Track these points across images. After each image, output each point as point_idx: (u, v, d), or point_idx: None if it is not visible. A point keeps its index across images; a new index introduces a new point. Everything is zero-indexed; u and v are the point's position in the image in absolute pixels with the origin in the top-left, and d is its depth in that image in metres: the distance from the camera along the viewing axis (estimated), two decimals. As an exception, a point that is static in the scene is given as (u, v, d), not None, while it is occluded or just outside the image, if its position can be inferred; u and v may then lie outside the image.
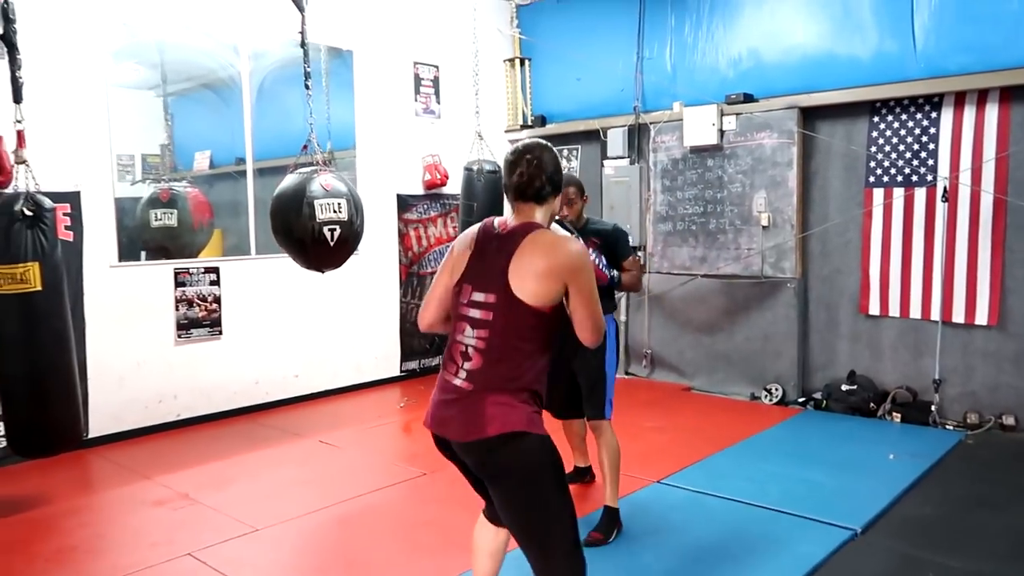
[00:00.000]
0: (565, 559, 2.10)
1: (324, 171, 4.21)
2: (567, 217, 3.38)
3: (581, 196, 3.49)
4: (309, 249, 4.21)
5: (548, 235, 2.16)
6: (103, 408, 4.91)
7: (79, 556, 3.29)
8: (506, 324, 2.07)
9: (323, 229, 4.12)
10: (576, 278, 2.07)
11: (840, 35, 5.59)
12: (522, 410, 2.07)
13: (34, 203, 3.63)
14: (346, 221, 4.21)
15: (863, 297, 5.57)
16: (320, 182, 4.10)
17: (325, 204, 4.18)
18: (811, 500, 3.79)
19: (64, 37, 4.68)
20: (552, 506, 2.09)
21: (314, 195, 4.16)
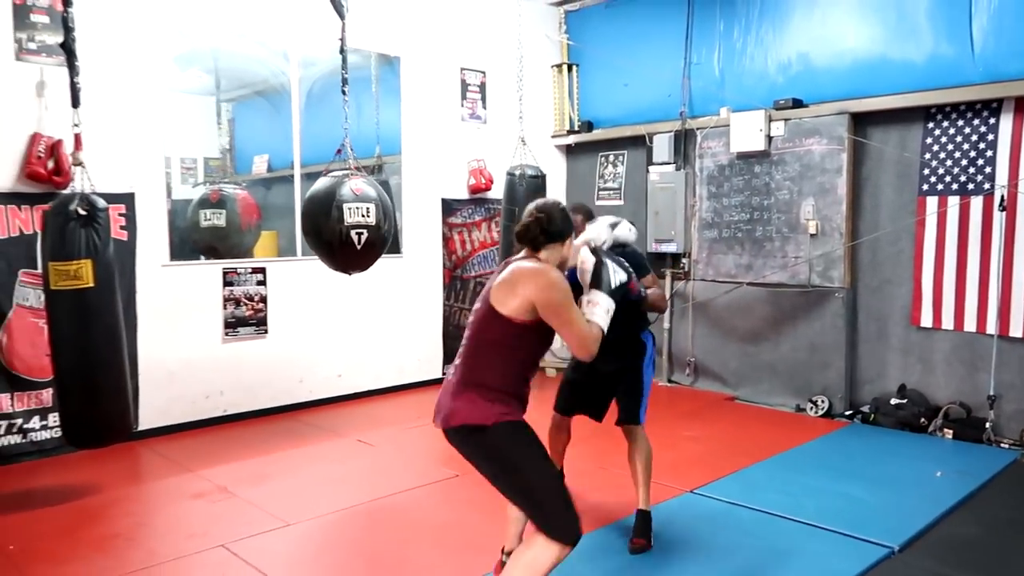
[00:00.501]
0: (556, 516, 2.39)
1: (355, 176, 4.29)
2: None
3: (585, 221, 3.42)
4: (336, 251, 4.30)
5: (526, 264, 2.50)
6: (152, 402, 5.08)
7: (120, 543, 3.41)
8: (482, 330, 2.47)
9: (351, 232, 4.19)
10: (541, 301, 2.37)
11: (894, 39, 5.44)
12: (486, 407, 2.41)
13: (88, 203, 3.79)
14: (374, 225, 4.27)
15: (915, 309, 5.39)
16: (351, 186, 4.18)
17: (354, 208, 4.25)
18: (849, 515, 3.68)
19: (122, 45, 4.87)
20: (527, 474, 2.43)
21: (343, 199, 4.24)
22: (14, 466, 4.45)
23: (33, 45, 4.54)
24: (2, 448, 4.49)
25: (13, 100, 4.50)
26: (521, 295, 2.39)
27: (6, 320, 4.49)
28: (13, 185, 4.51)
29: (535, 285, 2.39)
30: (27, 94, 4.55)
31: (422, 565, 3.22)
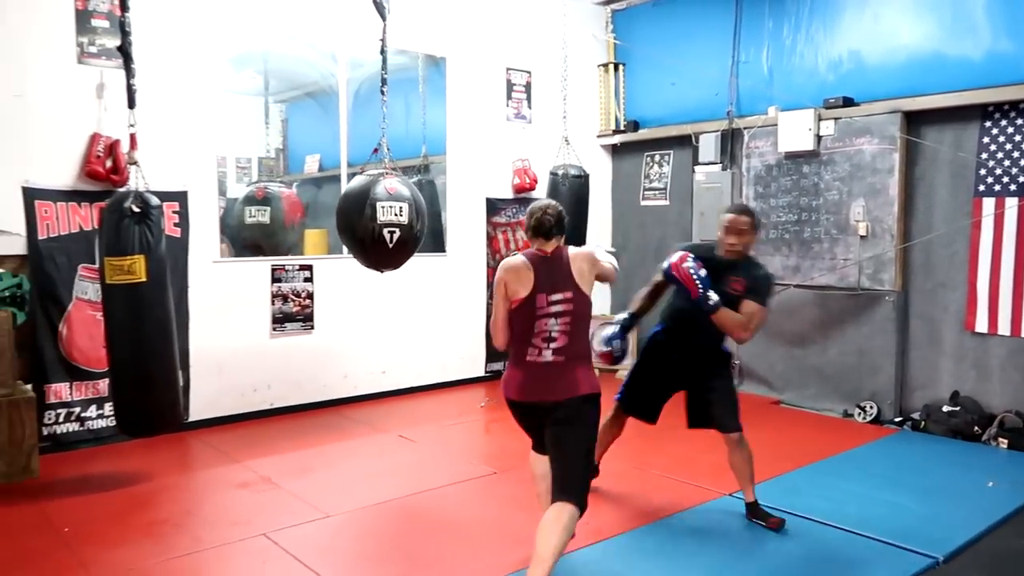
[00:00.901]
0: (587, 469, 3.04)
1: (391, 175, 4.34)
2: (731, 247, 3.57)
3: (753, 230, 3.60)
4: (369, 249, 4.35)
5: (576, 248, 3.04)
6: (203, 394, 5.24)
7: (167, 529, 3.53)
8: (579, 311, 2.94)
9: (383, 231, 4.25)
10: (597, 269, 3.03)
11: (950, 35, 5.29)
12: (595, 376, 3.01)
13: (142, 201, 3.93)
14: (406, 224, 4.32)
15: (969, 313, 5.23)
16: (385, 185, 4.24)
17: (387, 207, 4.31)
18: (892, 524, 3.59)
19: (177, 47, 5.03)
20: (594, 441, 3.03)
21: (377, 197, 4.29)
22: (72, 452, 4.63)
23: (94, 49, 4.73)
24: (61, 435, 4.68)
25: (74, 102, 4.68)
26: (591, 273, 2.97)
27: (66, 313, 4.68)
28: (74, 183, 4.70)
29: (591, 261, 2.99)
30: (87, 96, 4.73)
31: (457, 559, 3.25)
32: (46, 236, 4.60)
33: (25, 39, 4.50)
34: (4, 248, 4.49)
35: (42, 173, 4.59)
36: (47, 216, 4.61)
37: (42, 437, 4.52)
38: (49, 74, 4.60)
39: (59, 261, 4.64)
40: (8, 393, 4.15)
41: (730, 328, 3.49)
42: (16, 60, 4.48)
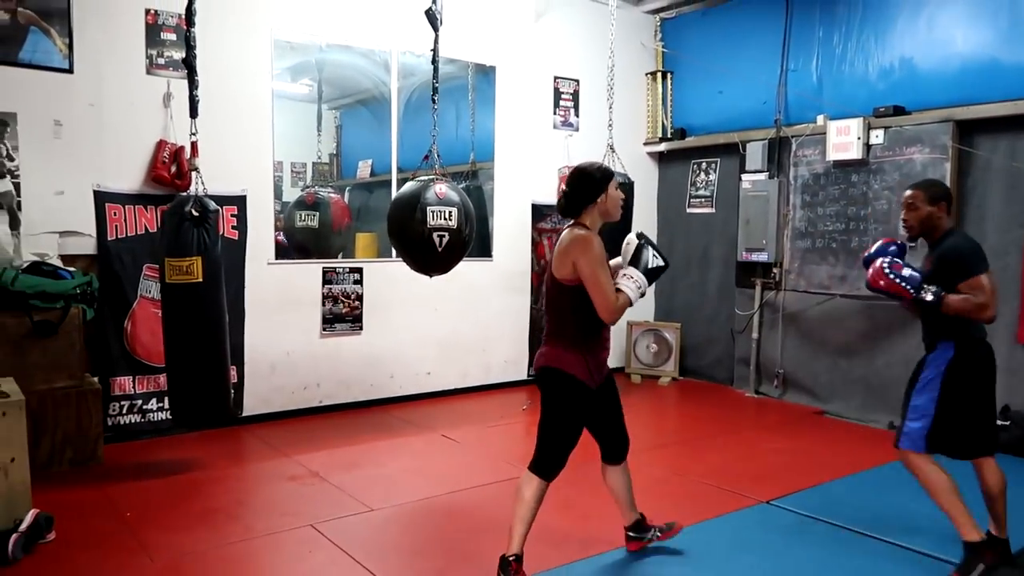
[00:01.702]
0: (545, 440, 3.04)
1: (441, 180, 4.47)
2: (904, 224, 3.43)
3: (928, 203, 3.28)
4: (418, 252, 4.48)
5: (568, 231, 2.92)
6: (256, 391, 5.46)
7: (220, 517, 3.72)
8: (549, 295, 2.98)
9: (432, 235, 4.37)
10: (578, 260, 2.79)
11: (1006, 43, 5.20)
12: (563, 354, 2.92)
13: (200, 205, 4.15)
14: (455, 229, 4.43)
15: (1021, 326, 5.13)
16: (435, 190, 4.36)
17: (437, 211, 4.43)
18: (931, 536, 3.57)
19: (237, 57, 5.27)
20: (552, 422, 3.01)
21: (427, 202, 4.42)
22: (134, 443, 4.89)
23: (162, 60, 4.99)
24: (124, 426, 4.94)
25: (143, 110, 4.95)
26: (569, 259, 2.82)
27: (131, 310, 4.94)
28: (141, 187, 4.96)
29: (573, 246, 2.81)
30: (155, 104, 5.00)
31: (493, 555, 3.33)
32: (114, 237, 4.87)
33: (100, 52, 4.78)
34: (76, 248, 4.77)
35: (112, 177, 4.87)
36: (116, 218, 4.88)
37: (107, 427, 4.79)
38: (120, 84, 4.87)
39: (126, 261, 4.91)
40: (76, 384, 4.41)
41: (969, 312, 3.08)
42: (92, 71, 4.76)
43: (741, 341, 6.84)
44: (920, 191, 3.35)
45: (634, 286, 2.86)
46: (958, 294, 3.09)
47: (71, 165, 4.72)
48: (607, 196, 2.91)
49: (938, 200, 3.31)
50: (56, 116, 4.67)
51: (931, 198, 3.31)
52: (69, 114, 4.71)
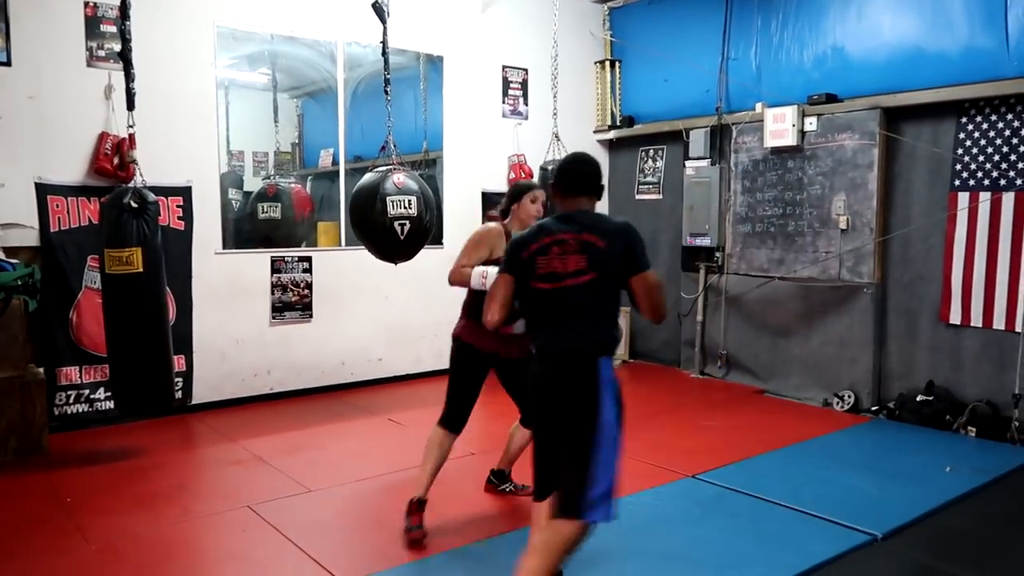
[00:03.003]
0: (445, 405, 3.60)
1: (399, 170, 4.56)
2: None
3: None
4: (382, 242, 4.57)
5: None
6: (206, 379, 5.54)
7: (158, 500, 3.82)
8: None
9: (394, 224, 4.46)
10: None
11: (929, 32, 5.39)
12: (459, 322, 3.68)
13: (139, 197, 4.22)
14: (415, 217, 4.51)
15: (944, 305, 5.35)
16: (394, 180, 4.45)
17: (397, 200, 4.52)
18: (842, 505, 3.76)
19: (180, 47, 5.31)
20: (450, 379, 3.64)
21: (387, 192, 4.51)
22: (81, 432, 4.95)
23: (102, 52, 5.02)
24: (71, 415, 5.00)
25: (84, 103, 4.98)
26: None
27: (76, 301, 4.99)
28: (83, 179, 5.00)
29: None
30: (96, 97, 5.03)
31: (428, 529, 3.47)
32: (57, 229, 4.91)
33: (39, 44, 4.80)
34: (19, 240, 4.81)
35: (54, 170, 4.90)
36: (58, 210, 4.92)
37: (53, 417, 4.85)
38: (61, 77, 4.90)
39: (69, 252, 4.95)
40: (20, 375, 4.47)
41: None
42: (31, 64, 4.79)
43: (687, 324, 7.03)
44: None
45: (479, 272, 3.41)
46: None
47: (12, 158, 4.75)
48: (519, 206, 3.50)
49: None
50: (-5, 109, 4.70)
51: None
52: (8, 107, 4.74)
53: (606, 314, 2.55)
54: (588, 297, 2.50)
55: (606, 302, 2.53)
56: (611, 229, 2.54)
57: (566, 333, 2.54)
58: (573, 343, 2.53)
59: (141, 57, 4.91)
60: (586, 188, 2.65)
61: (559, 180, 2.68)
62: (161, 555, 3.23)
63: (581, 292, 2.50)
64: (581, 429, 2.48)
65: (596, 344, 2.53)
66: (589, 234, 2.51)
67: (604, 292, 2.52)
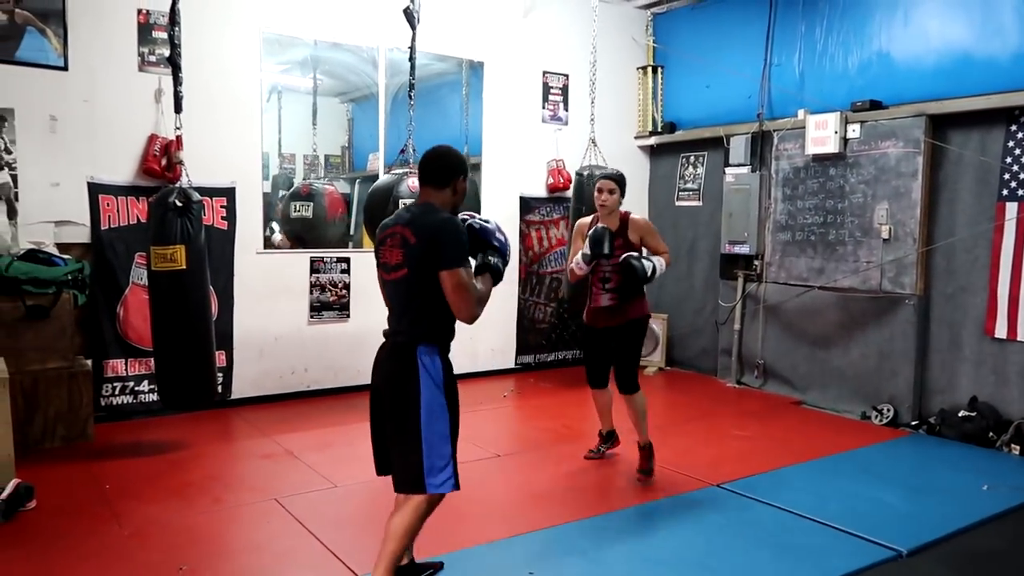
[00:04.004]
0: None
1: (414, 174, 4.65)
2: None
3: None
4: None
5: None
6: (245, 375, 5.70)
7: (191, 490, 3.96)
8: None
9: None
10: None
11: (978, 38, 5.25)
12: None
13: (184, 196, 4.38)
14: None
15: (989, 318, 5.18)
16: (408, 183, 4.55)
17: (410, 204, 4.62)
18: (869, 519, 3.68)
19: (227, 54, 5.50)
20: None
21: (401, 195, 4.62)
22: (125, 423, 5.15)
23: (153, 58, 5.23)
24: (117, 406, 5.21)
25: (135, 106, 5.20)
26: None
27: (123, 296, 5.20)
28: (133, 179, 5.21)
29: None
30: (147, 100, 5.24)
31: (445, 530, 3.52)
32: (107, 227, 5.13)
33: (93, 50, 5.03)
34: (71, 237, 5.04)
35: (105, 170, 5.12)
36: (109, 209, 5.14)
37: (100, 408, 5.06)
38: (113, 81, 5.12)
39: (118, 249, 5.17)
40: (68, 366, 4.67)
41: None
42: (86, 68, 5.02)
43: (724, 332, 6.94)
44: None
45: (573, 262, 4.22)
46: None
47: (66, 158, 4.98)
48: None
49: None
50: (52, 111, 4.93)
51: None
52: (64, 109, 4.97)
53: (425, 307, 2.63)
54: (405, 290, 2.64)
55: (422, 296, 2.61)
56: (426, 224, 2.61)
57: (394, 322, 2.73)
58: (397, 332, 2.71)
59: (190, 62, 5.13)
60: (431, 178, 2.71)
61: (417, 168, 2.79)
62: (187, 541, 3.35)
63: (400, 285, 2.65)
64: (403, 411, 2.65)
65: (415, 335, 2.65)
66: (408, 229, 2.63)
67: (419, 286, 2.61)
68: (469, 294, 2.59)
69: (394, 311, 2.74)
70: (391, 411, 2.71)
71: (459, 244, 2.60)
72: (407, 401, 2.64)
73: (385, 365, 2.74)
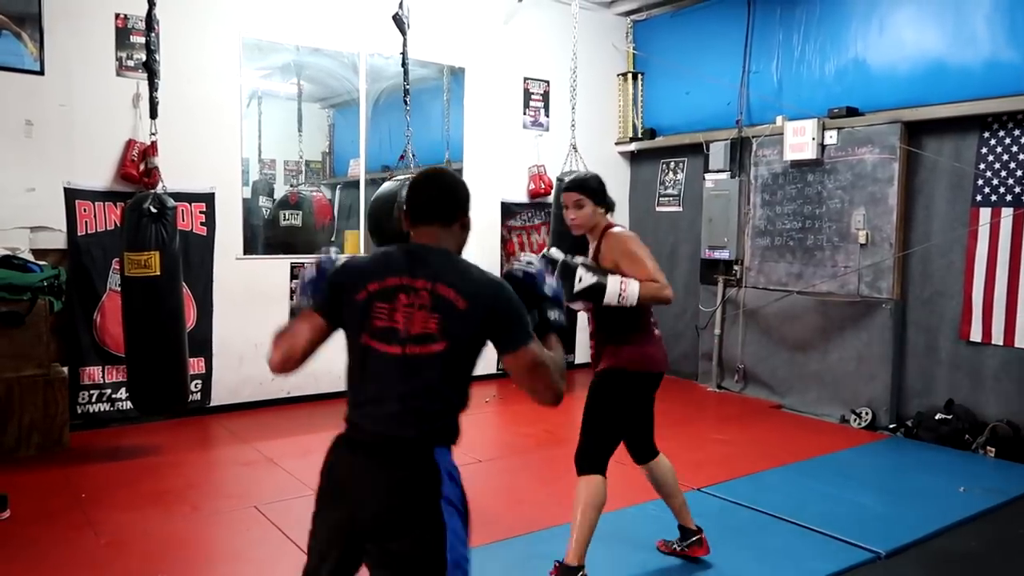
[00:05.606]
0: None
1: None
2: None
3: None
4: None
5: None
6: (225, 382, 5.65)
7: (169, 498, 3.91)
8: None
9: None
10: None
11: (951, 46, 5.34)
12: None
13: (159, 202, 4.35)
14: None
15: (964, 322, 5.26)
16: None
17: None
18: (848, 522, 3.72)
19: (206, 59, 5.46)
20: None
21: (403, 200, 4.60)
22: (102, 430, 5.09)
23: (131, 63, 5.19)
24: (94, 414, 5.14)
25: (113, 110, 5.15)
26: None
27: (100, 302, 5.14)
28: (111, 185, 5.16)
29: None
30: (125, 105, 5.20)
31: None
32: (84, 232, 5.07)
33: (70, 54, 4.98)
34: (47, 243, 4.98)
35: (82, 175, 5.07)
36: (86, 214, 5.08)
37: (76, 415, 4.99)
38: (91, 85, 5.07)
39: (95, 255, 5.11)
40: (43, 373, 4.61)
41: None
42: (62, 73, 4.96)
43: (705, 337, 6.99)
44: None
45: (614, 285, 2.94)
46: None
47: (42, 163, 4.92)
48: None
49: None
50: (28, 116, 4.88)
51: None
52: (40, 114, 4.91)
53: (456, 394, 1.87)
54: (433, 372, 1.81)
55: (460, 380, 1.87)
56: (477, 284, 1.86)
57: (394, 413, 1.82)
58: (401, 426, 1.82)
59: (169, 67, 5.12)
60: (438, 214, 1.95)
61: (408, 200, 1.98)
62: (165, 550, 3.31)
63: (423, 364, 1.81)
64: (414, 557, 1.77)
65: (433, 432, 1.85)
66: (446, 286, 1.83)
67: (455, 368, 1.85)
68: (549, 370, 1.87)
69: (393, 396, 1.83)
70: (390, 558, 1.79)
71: (524, 310, 1.90)
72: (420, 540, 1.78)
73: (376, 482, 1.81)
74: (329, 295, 1.91)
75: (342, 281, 1.90)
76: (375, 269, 1.88)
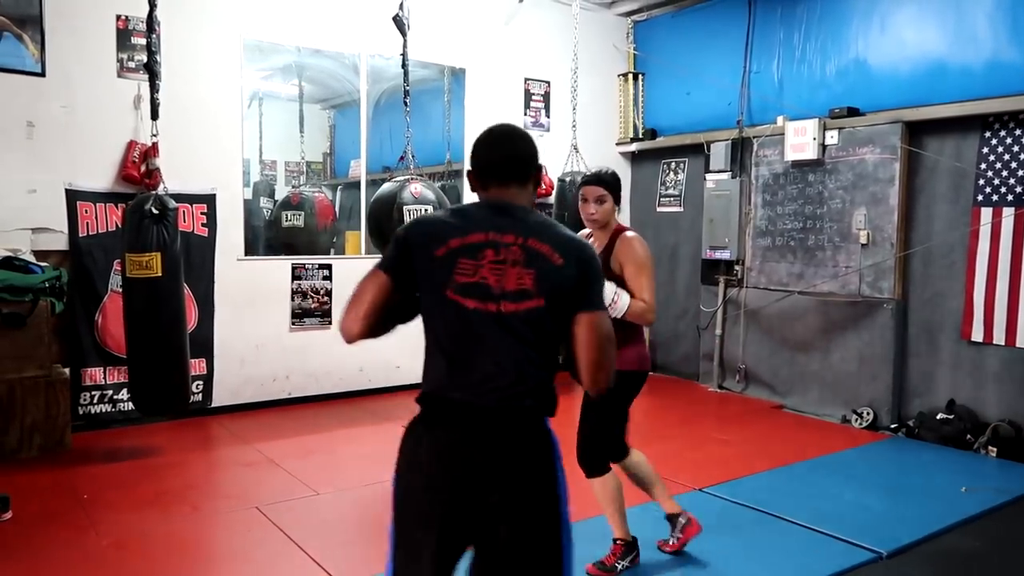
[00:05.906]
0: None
1: (416, 180, 4.67)
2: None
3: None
4: None
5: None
6: (226, 383, 5.65)
7: (170, 499, 3.92)
8: None
9: None
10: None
11: (952, 45, 5.33)
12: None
13: (160, 203, 4.35)
14: None
15: (966, 322, 5.25)
16: (411, 189, 4.56)
17: (414, 210, 4.63)
18: (849, 521, 3.71)
19: (207, 61, 5.46)
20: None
21: (404, 201, 4.62)
22: (104, 431, 5.09)
23: (132, 64, 5.19)
24: (95, 415, 5.14)
25: (114, 112, 5.15)
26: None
27: (102, 303, 5.14)
28: (112, 186, 5.16)
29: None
30: (126, 106, 5.20)
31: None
32: (86, 234, 5.07)
33: (71, 56, 4.98)
34: (48, 244, 4.98)
35: (83, 176, 5.07)
36: (87, 215, 5.08)
37: (78, 416, 4.99)
38: (92, 87, 5.06)
39: (96, 256, 5.11)
40: (45, 374, 4.62)
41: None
42: (64, 74, 4.96)
43: (706, 337, 6.98)
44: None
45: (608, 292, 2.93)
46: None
47: (43, 164, 4.93)
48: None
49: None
50: (29, 117, 4.88)
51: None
52: (41, 115, 4.92)
53: (548, 358, 1.78)
54: (533, 330, 1.72)
55: (548, 342, 1.76)
56: (568, 240, 1.78)
57: (494, 379, 1.71)
58: (508, 396, 1.72)
59: (171, 68, 5.13)
60: (518, 172, 1.85)
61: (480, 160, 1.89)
62: (167, 551, 3.32)
63: (521, 321, 1.71)
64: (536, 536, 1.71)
65: (544, 400, 1.76)
66: (538, 241, 1.74)
67: (554, 327, 1.75)
68: (614, 347, 1.80)
69: (494, 361, 1.71)
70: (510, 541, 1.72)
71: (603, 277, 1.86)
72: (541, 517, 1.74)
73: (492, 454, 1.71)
74: (397, 253, 1.78)
75: (414, 237, 1.77)
76: (457, 224, 1.77)
